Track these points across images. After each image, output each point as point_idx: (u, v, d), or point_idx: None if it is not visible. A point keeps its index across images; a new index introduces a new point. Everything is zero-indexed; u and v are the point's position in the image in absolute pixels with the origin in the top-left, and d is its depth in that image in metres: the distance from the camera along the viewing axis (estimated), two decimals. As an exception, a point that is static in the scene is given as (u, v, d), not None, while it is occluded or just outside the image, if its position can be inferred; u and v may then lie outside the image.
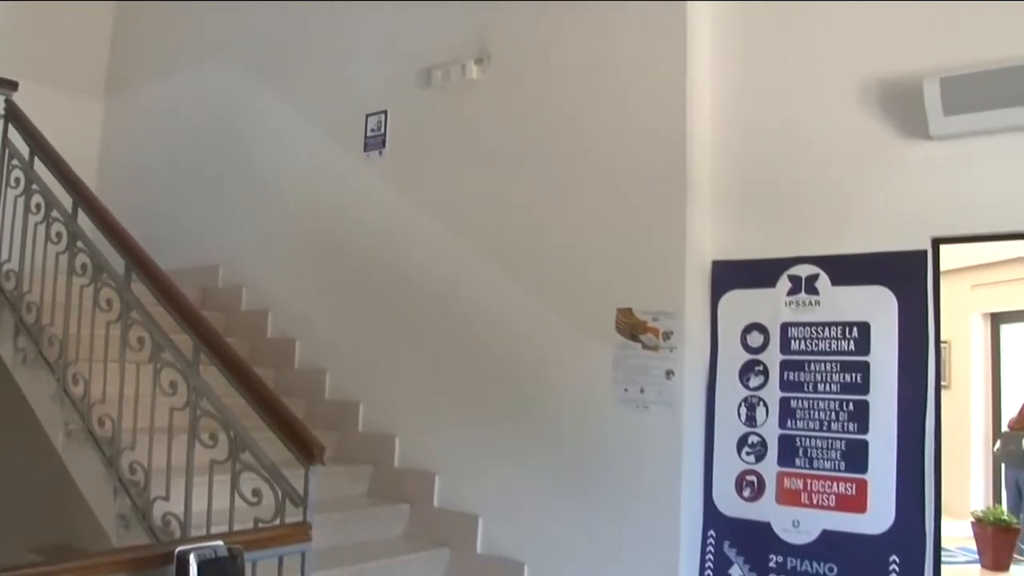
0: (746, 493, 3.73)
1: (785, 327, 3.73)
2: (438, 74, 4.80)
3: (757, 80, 3.98)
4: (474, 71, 4.64)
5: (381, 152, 5.08)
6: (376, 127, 5.10)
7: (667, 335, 3.81)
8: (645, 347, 3.85)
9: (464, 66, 4.66)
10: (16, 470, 4.02)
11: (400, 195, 4.95)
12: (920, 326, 3.48)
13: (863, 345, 3.57)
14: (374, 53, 5.25)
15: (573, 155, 4.25)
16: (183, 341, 3.50)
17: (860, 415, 3.54)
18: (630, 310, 3.92)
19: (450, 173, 4.75)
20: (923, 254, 3.50)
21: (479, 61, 4.64)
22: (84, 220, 3.97)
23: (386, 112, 5.09)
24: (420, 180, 4.89)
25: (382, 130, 5.08)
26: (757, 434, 3.74)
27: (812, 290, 3.69)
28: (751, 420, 3.76)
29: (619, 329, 3.93)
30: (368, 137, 5.14)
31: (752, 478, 3.72)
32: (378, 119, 5.10)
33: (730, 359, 3.83)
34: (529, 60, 4.50)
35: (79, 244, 3.91)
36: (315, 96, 5.57)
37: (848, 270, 3.63)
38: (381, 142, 5.08)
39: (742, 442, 3.76)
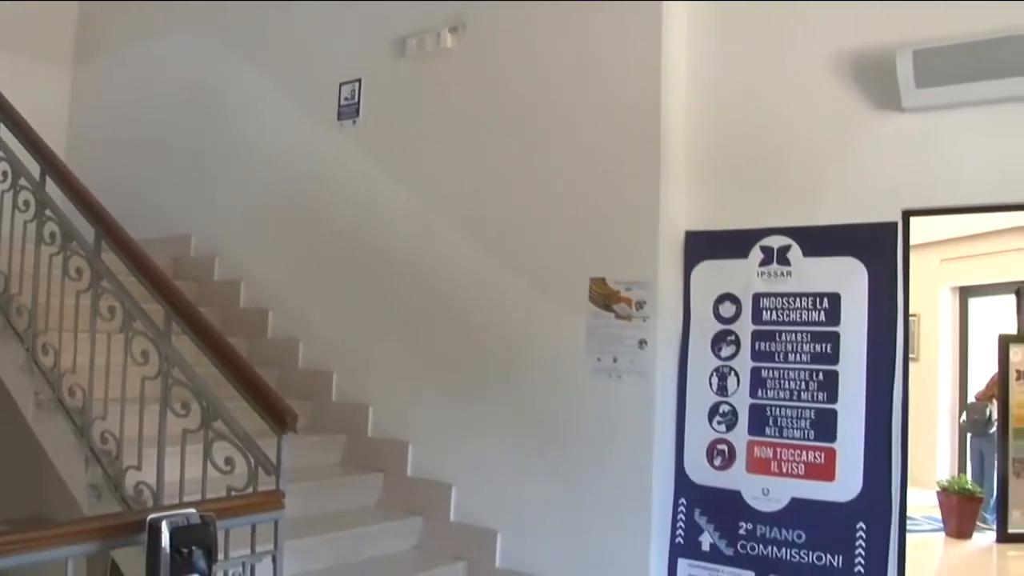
0: (717, 462, 3.77)
1: (757, 297, 3.76)
2: (413, 43, 4.76)
3: (731, 53, 3.98)
4: (449, 40, 4.61)
5: (355, 121, 5.05)
6: (350, 96, 5.06)
7: (640, 305, 3.83)
8: (618, 317, 3.87)
9: (439, 35, 4.63)
10: (-14, 441, 4.00)
11: (374, 165, 4.92)
12: (889, 297, 3.51)
13: (833, 316, 3.60)
14: (348, 21, 5.20)
15: (548, 126, 4.24)
16: (155, 311, 3.47)
17: (829, 385, 3.58)
18: (603, 280, 3.93)
19: (424, 143, 4.73)
20: (893, 226, 3.52)
21: (454, 30, 4.61)
22: (53, 189, 3.92)
23: (360, 81, 5.05)
24: (394, 150, 4.87)
25: (356, 99, 5.04)
26: (728, 403, 3.77)
27: (784, 261, 3.71)
28: (722, 389, 3.79)
29: (592, 299, 3.95)
30: (342, 106, 5.10)
31: (723, 447, 3.76)
32: (352, 88, 5.07)
33: (702, 329, 3.86)
34: (505, 30, 4.47)
35: (47, 212, 3.86)
36: (288, 64, 5.52)
37: (819, 241, 3.66)
38: (355, 111, 5.04)
39: (713, 411, 3.79)
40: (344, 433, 4.77)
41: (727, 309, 3.82)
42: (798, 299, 3.68)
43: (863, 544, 3.44)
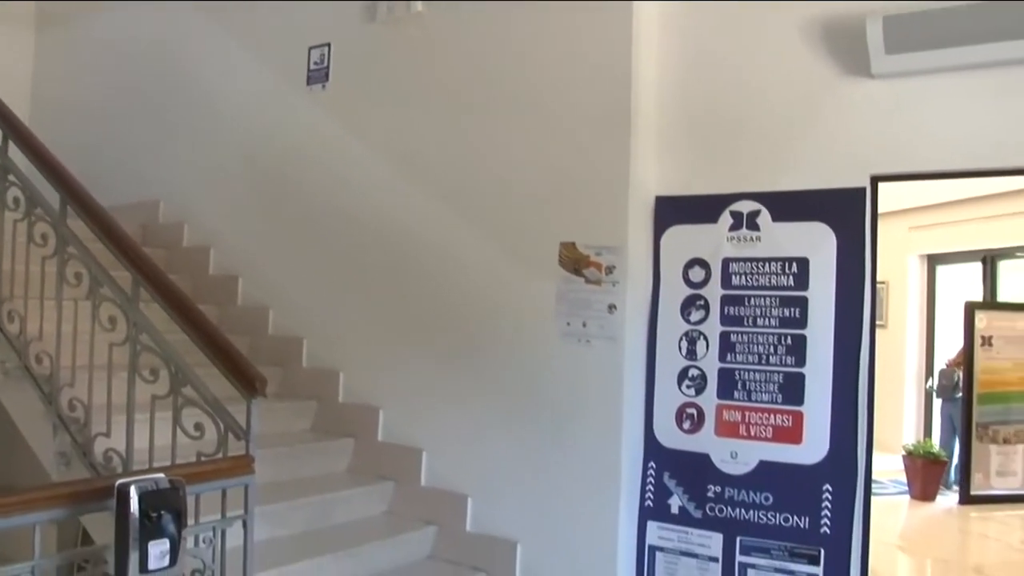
0: (686, 425, 3.80)
1: (726, 262, 3.78)
2: (383, 7, 4.71)
3: (703, 18, 3.96)
4: (419, 5, 4.57)
5: (324, 86, 5.00)
6: (319, 60, 5.01)
7: (610, 269, 3.84)
8: (588, 281, 3.88)
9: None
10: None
11: (344, 130, 4.88)
12: (857, 262, 3.53)
13: (802, 280, 3.62)
14: (317, -17, 5.13)
15: (519, 91, 4.21)
16: (123, 278, 3.44)
17: (797, 349, 3.61)
18: (573, 244, 3.93)
19: (394, 108, 4.69)
20: (862, 191, 3.54)
21: (424, -6, 4.57)
22: (16, 154, 3.84)
23: (329, 45, 5.00)
24: (364, 115, 4.83)
25: (325, 63, 4.99)
26: (697, 367, 3.80)
27: (753, 226, 3.73)
28: (692, 354, 3.82)
29: (562, 263, 3.95)
30: (311, 70, 5.04)
31: (692, 411, 3.79)
32: (321, 52, 5.01)
33: (672, 294, 3.87)
34: (475, -6, 4.44)
35: (11, 178, 3.80)
36: (257, 27, 5.43)
37: (789, 206, 3.67)
38: (324, 75, 4.99)
39: (682, 375, 3.82)
40: (315, 399, 4.77)
41: (696, 274, 3.83)
42: (767, 264, 3.69)
43: (829, 506, 3.49)
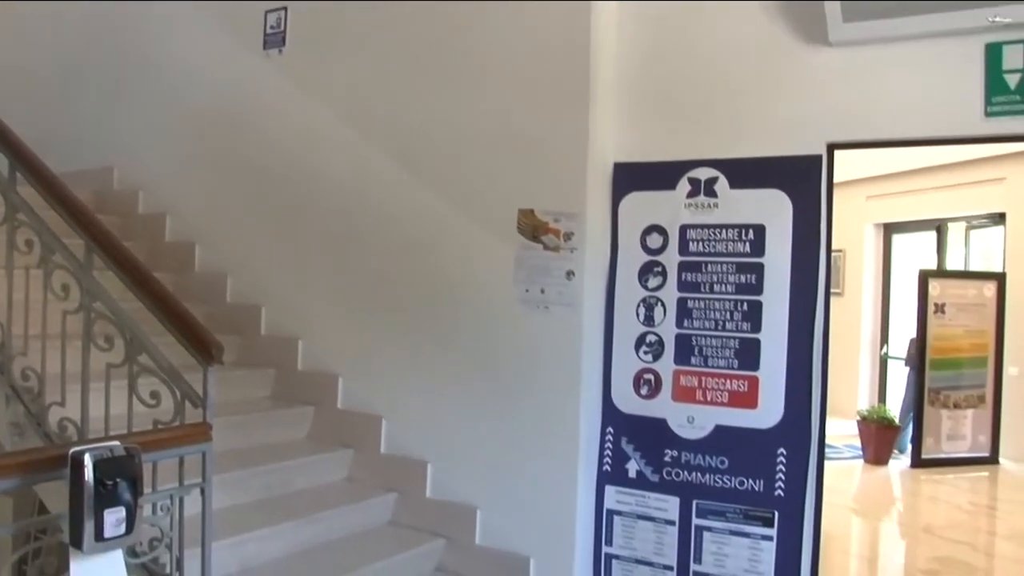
0: (643, 391, 3.84)
1: (684, 229, 3.79)
2: (340, -30, 4.65)
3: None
4: (378, -33, 4.51)
5: (281, 50, 4.93)
6: (276, 24, 4.93)
7: (568, 236, 3.84)
8: (546, 248, 3.88)
9: (367, -38, 4.53)
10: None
11: (301, 95, 4.83)
12: (813, 229, 3.57)
13: (758, 247, 3.65)
14: (274, -54, 5.04)
15: (478, 56, 4.19)
16: (76, 245, 3.37)
17: (753, 315, 3.65)
18: (532, 211, 3.93)
19: (352, 74, 4.65)
20: (818, 159, 3.56)
21: (382, -43, 4.51)
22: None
23: (286, 9, 4.92)
24: (321, 80, 4.78)
25: (282, 27, 4.92)
26: (655, 333, 3.83)
27: (711, 192, 3.75)
28: (649, 320, 3.84)
29: (520, 230, 3.95)
30: (268, 34, 4.97)
31: (649, 376, 3.83)
32: (278, 16, 4.94)
33: (630, 260, 3.89)
34: (433, -43, 4.38)
35: (-44, 143, 3.71)
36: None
37: (746, 173, 3.69)
38: (281, 40, 4.92)
39: (640, 341, 3.85)
40: (274, 367, 4.74)
41: (654, 240, 3.85)
42: (724, 230, 3.72)
43: (783, 469, 3.55)
